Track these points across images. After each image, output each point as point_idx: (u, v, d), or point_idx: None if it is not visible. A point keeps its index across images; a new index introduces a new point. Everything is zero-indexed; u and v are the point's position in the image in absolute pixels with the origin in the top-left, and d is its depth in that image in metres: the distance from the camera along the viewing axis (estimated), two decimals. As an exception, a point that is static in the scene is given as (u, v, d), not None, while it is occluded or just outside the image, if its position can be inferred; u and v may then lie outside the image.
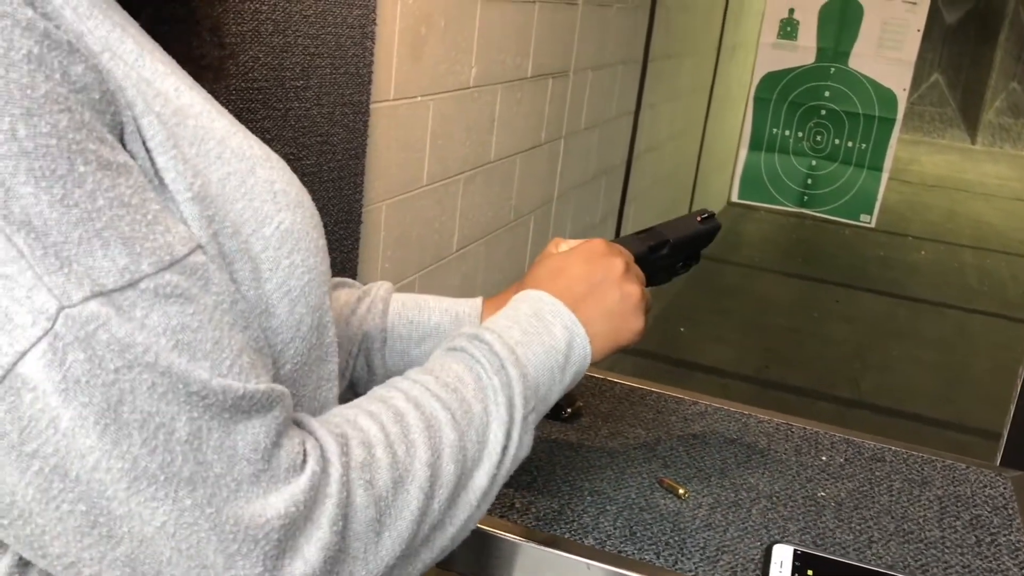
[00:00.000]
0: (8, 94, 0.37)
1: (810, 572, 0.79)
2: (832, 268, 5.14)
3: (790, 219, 5.12)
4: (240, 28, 1.04)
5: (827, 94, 3.52)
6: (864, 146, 3.51)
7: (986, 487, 0.99)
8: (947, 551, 0.86)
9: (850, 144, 3.53)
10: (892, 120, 3.43)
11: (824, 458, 1.01)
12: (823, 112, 3.54)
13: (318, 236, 0.53)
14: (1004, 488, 0.99)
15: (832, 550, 0.84)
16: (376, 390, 0.58)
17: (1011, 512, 0.94)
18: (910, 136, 9.45)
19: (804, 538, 0.85)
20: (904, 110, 3.42)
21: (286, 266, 0.49)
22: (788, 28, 3.47)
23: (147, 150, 0.44)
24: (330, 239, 1.29)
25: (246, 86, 1.06)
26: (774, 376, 3.63)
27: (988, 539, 0.88)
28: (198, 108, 0.48)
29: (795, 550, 0.81)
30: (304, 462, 0.46)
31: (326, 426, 0.50)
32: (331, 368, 0.57)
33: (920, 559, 0.84)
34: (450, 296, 0.83)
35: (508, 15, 1.81)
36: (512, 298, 0.70)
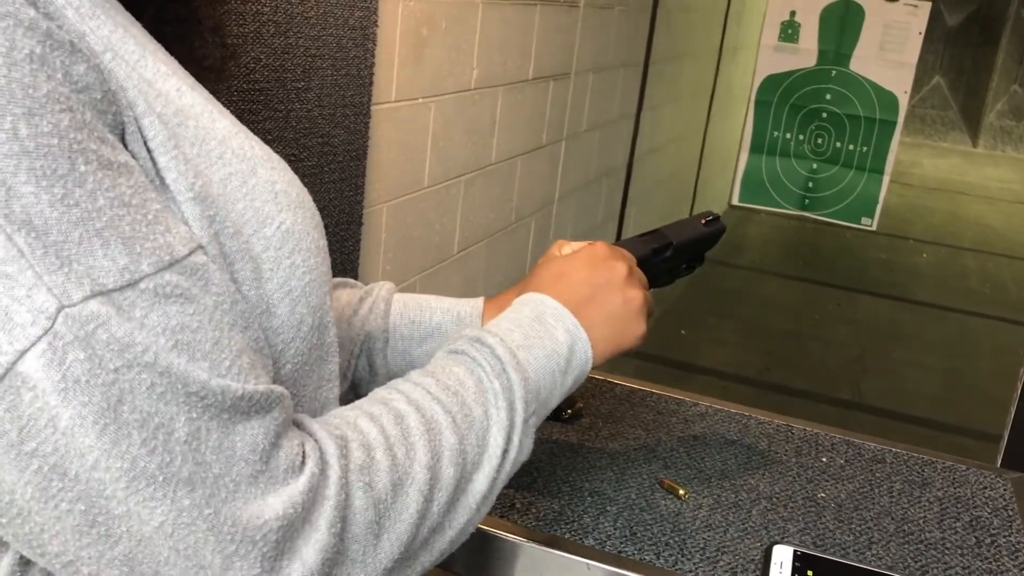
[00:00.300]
0: (10, 93, 0.37)
1: (810, 573, 0.79)
2: (833, 271, 5.14)
3: (791, 222, 5.11)
4: (242, 29, 1.04)
5: (828, 97, 3.52)
6: (865, 149, 3.51)
7: (986, 488, 0.99)
8: (947, 552, 0.86)
9: (851, 147, 3.54)
10: (893, 123, 3.44)
11: (824, 459, 1.01)
12: (824, 115, 3.55)
13: (319, 236, 0.53)
14: (1004, 489, 0.99)
15: (832, 551, 0.84)
16: (377, 391, 0.58)
17: (1011, 513, 0.94)
18: (911, 139, 9.45)
19: (804, 539, 0.85)
20: (905, 113, 3.43)
21: (287, 266, 0.50)
22: (789, 31, 3.48)
23: (148, 150, 0.44)
24: (331, 240, 1.30)
25: (248, 87, 1.07)
26: (775, 379, 3.63)
27: (988, 540, 0.88)
28: (199, 108, 0.48)
29: (795, 551, 0.81)
30: (303, 464, 0.46)
31: (326, 428, 0.50)
32: (332, 368, 0.57)
33: (920, 560, 0.84)
34: (451, 297, 0.83)
35: (509, 17, 1.81)
36: (514, 301, 0.70)
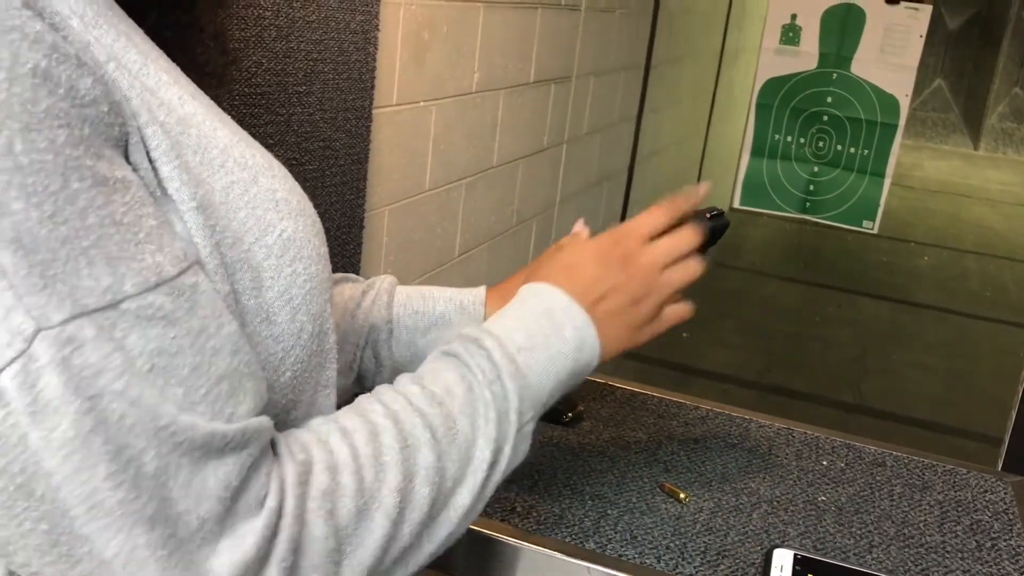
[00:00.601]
0: (9, 108, 0.37)
1: (810, 576, 0.79)
2: (835, 273, 5.13)
3: (792, 224, 5.11)
4: (243, 34, 1.04)
5: (829, 100, 3.52)
6: (866, 152, 3.51)
7: (987, 492, 0.99)
8: (947, 556, 0.86)
9: (852, 150, 3.54)
10: (894, 126, 3.44)
11: (825, 463, 1.01)
12: (825, 118, 3.54)
13: (320, 244, 0.53)
14: (1005, 493, 0.99)
15: (832, 554, 0.84)
16: (360, 400, 0.57)
17: (1011, 517, 0.94)
18: (913, 141, 9.45)
19: (804, 542, 0.85)
20: (906, 116, 3.43)
21: (288, 274, 0.50)
22: (790, 34, 3.48)
23: (151, 160, 0.44)
24: (332, 244, 1.30)
25: (249, 91, 1.07)
26: (776, 381, 3.63)
27: (988, 544, 0.89)
28: (201, 117, 0.48)
29: (795, 554, 0.81)
30: (265, 498, 0.45)
31: (293, 447, 0.49)
32: (329, 374, 0.57)
33: (920, 563, 0.84)
34: (453, 287, 0.83)
35: (510, 21, 1.81)
36: (521, 289, 0.68)
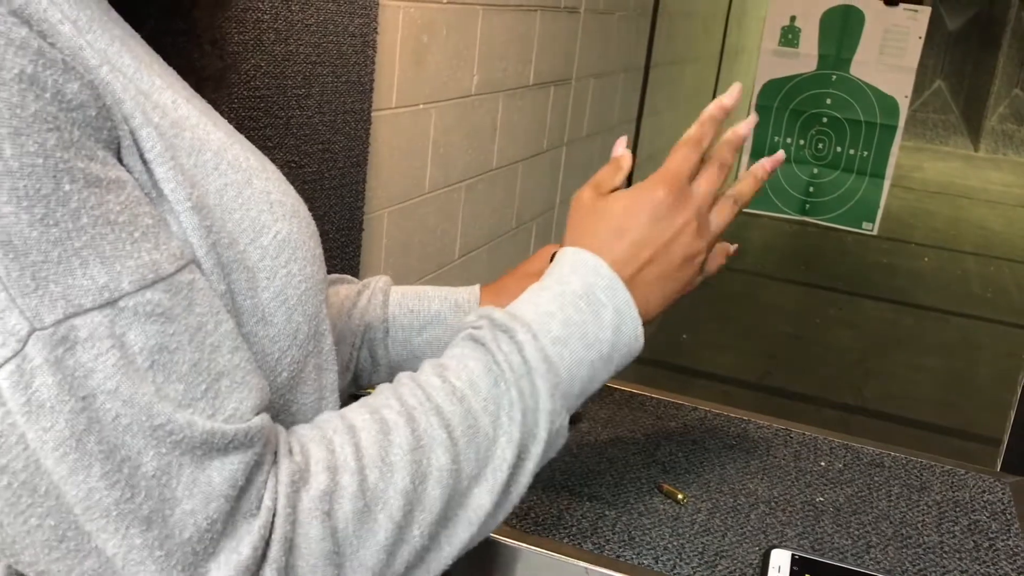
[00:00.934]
0: None
1: (808, 577, 0.79)
2: (835, 275, 5.14)
3: (792, 226, 5.12)
4: (242, 37, 1.05)
5: (829, 101, 3.52)
6: (866, 154, 3.52)
7: (985, 492, 0.99)
8: (945, 556, 0.86)
9: (852, 152, 3.54)
10: (894, 127, 3.44)
11: (823, 463, 1.01)
12: (825, 119, 3.55)
13: (315, 245, 0.54)
14: (1003, 493, 0.99)
15: (830, 555, 0.84)
16: (380, 391, 0.55)
17: (1009, 517, 0.94)
18: (913, 143, 9.45)
19: (802, 543, 0.85)
20: (906, 117, 3.43)
21: (283, 275, 0.50)
22: (789, 35, 3.49)
23: (145, 162, 0.44)
24: (332, 246, 1.30)
25: (248, 94, 1.07)
26: (776, 383, 3.63)
27: (986, 544, 0.89)
28: (195, 120, 0.49)
29: (793, 555, 0.81)
30: (262, 499, 0.45)
31: (295, 443, 0.49)
32: (331, 378, 0.57)
33: (918, 564, 0.84)
34: (448, 286, 0.84)
35: (510, 23, 1.82)
36: (563, 259, 0.63)
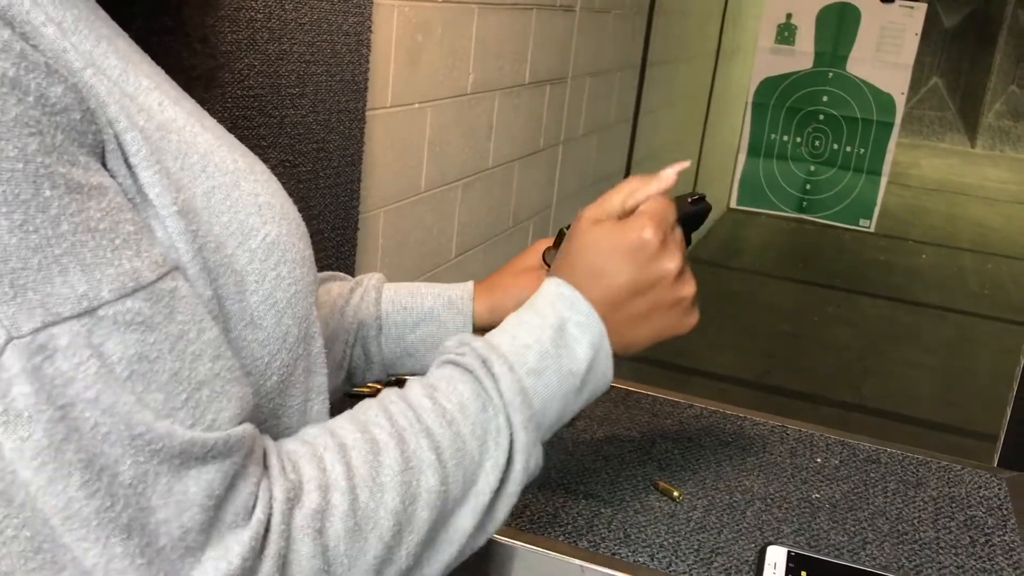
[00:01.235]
0: None
1: (804, 574, 0.79)
2: (832, 272, 5.14)
3: (790, 224, 5.12)
4: (236, 36, 1.04)
5: (825, 99, 3.53)
6: (863, 151, 3.52)
7: (981, 488, 0.99)
8: (941, 552, 0.86)
9: (848, 149, 3.54)
10: (890, 124, 3.44)
11: (819, 460, 1.01)
12: (821, 117, 3.55)
13: (304, 247, 0.53)
14: (999, 489, 0.99)
15: (826, 551, 0.84)
16: (366, 408, 0.55)
17: (1005, 513, 0.94)
18: (910, 140, 9.45)
19: (798, 540, 0.85)
20: (902, 114, 3.43)
21: (272, 278, 0.49)
22: (786, 33, 3.49)
23: (129, 167, 0.43)
24: (327, 246, 1.30)
25: (242, 94, 1.07)
26: (775, 381, 3.63)
27: (982, 540, 0.89)
28: (181, 122, 0.48)
29: (789, 552, 0.81)
30: (253, 509, 0.44)
31: (287, 461, 0.48)
32: (320, 380, 0.56)
33: (914, 560, 0.84)
34: (441, 283, 0.83)
35: (505, 21, 1.82)
36: (543, 291, 0.64)
